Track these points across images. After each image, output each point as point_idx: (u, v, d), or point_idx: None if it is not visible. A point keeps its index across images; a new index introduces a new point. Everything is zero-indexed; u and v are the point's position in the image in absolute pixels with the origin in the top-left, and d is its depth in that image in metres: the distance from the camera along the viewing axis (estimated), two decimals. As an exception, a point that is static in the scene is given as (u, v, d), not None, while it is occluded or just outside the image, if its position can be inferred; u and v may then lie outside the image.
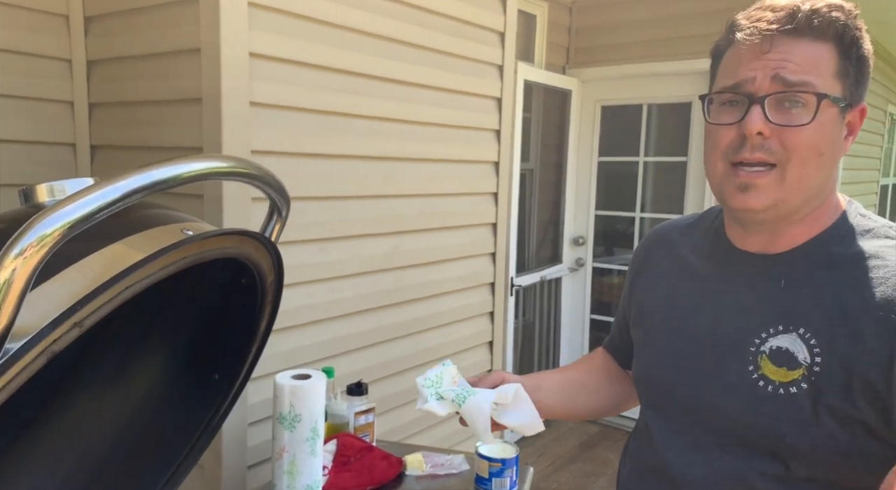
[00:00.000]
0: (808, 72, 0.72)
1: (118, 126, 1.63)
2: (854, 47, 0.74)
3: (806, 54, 0.72)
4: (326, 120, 1.65)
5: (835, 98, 0.72)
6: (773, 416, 0.74)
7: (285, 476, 1.24)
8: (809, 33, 0.72)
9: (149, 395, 1.06)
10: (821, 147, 0.73)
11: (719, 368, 0.79)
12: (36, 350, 0.57)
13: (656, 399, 0.90)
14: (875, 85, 5.65)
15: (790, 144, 0.72)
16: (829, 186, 0.78)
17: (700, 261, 0.88)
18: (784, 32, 0.72)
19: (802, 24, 0.72)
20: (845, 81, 0.74)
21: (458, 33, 2.00)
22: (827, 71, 0.73)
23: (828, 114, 0.73)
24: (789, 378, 0.73)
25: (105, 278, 0.65)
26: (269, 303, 0.99)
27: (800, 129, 0.71)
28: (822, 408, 0.71)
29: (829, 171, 0.76)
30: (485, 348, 2.35)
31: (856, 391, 0.69)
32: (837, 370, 0.71)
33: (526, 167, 3.39)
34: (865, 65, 0.76)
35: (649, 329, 0.92)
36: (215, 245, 0.79)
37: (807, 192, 0.75)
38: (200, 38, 1.40)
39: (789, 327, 0.74)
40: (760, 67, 0.73)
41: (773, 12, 0.73)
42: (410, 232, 1.94)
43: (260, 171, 0.81)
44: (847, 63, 0.74)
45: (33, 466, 0.97)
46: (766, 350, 0.75)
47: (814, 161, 0.73)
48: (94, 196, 0.59)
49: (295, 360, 1.64)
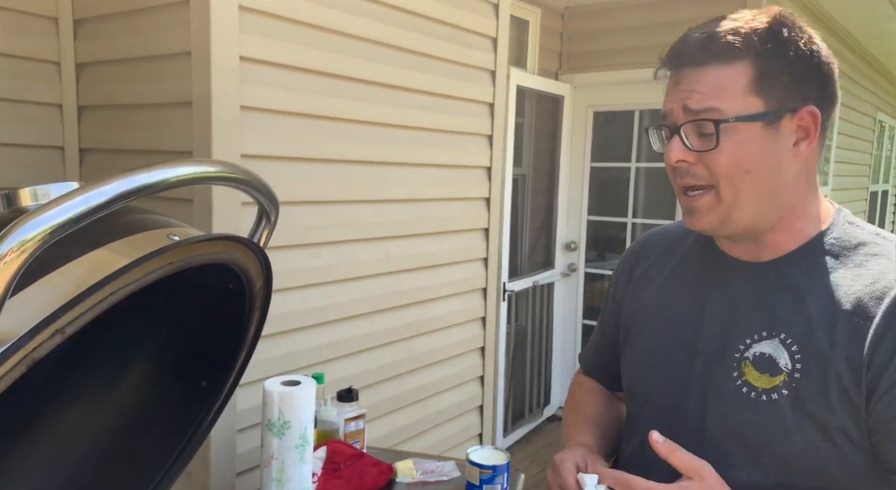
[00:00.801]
0: (713, 98, 0.73)
1: (107, 129, 1.62)
2: (783, 54, 0.73)
3: (711, 81, 0.74)
4: (317, 124, 1.64)
5: (744, 117, 0.73)
6: (756, 423, 0.74)
7: (274, 483, 1.22)
8: (715, 58, 0.74)
9: (136, 401, 1.05)
10: (744, 165, 0.74)
11: (706, 374, 0.80)
12: (15, 357, 0.55)
13: (644, 405, 0.90)
14: (864, 92, 5.70)
15: (712, 168, 0.74)
16: (785, 195, 0.77)
17: (689, 267, 0.88)
18: (690, 64, 0.76)
19: (703, 53, 0.75)
20: (771, 92, 0.73)
21: (450, 38, 2.00)
22: (737, 91, 0.73)
23: (745, 132, 0.73)
24: (771, 384, 0.73)
25: (89, 284, 0.63)
26: (258, 309, 0.98)
27: (716, 152, 0.73)
28: (802, 414, 0.71)
29: (773, 182, 0.75)
30: (477, 354, 2.35)
31: (833, 398, 0.70)
32: (816, 376, 0.71)
33: (518, 172, 3.39)
34: (806, 65, 0.75)
35: (639, 335, 0.92)
36: (202, 250, 0.78)
37: (751, 206, 0.76)
38: (191, 42, 1.39)
39: (772, 333, 0.75)
40: (675, 99, 0.77)
41: (684, 44, 0.78)
42: (402, 237, 1.94)
43: (248, 176, 0.80)
44: (771, 73, 0.73)
45: (19, 476, 0.96)
46: (750, 356, 0.76)
47: (742, 178, 0.74)
48: (77, 200, 0.58)
49: (285, 365, 1.63)
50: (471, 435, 2.35)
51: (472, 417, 2.36)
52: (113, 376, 1.05)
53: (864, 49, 5.27)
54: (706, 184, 0.76)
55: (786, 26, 0.75)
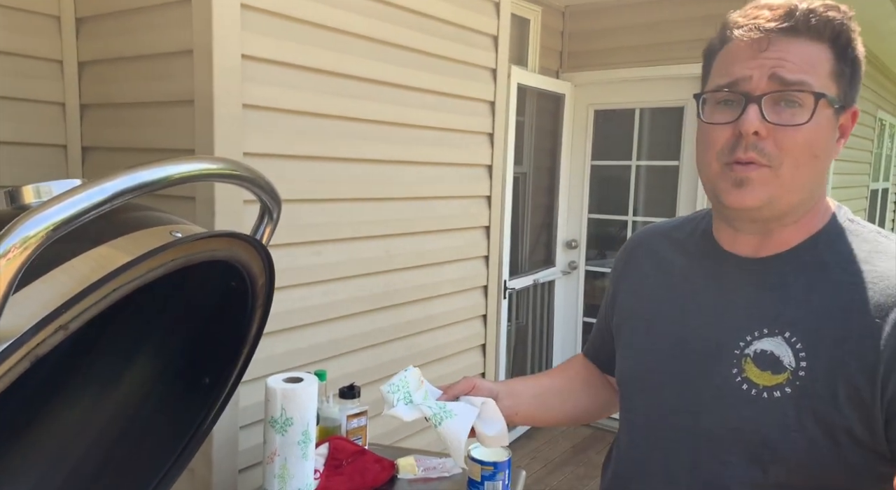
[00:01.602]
0: (806, 71, 0.71)
1: (109, 128, 1.62)
2: (849, 49, 0.73)
3: (803, 54, 0.71)
4: (319, 123, 1.64)
5: (831, 98, 0.71)
6: (755, 420, 0.73)
7: (276, 480, 1.23)
8: (806, 33, 0.71)
9: (138, 398, 1.06)
10: (815, 148, 0.72)
11: (703, 371, 0.78)
12: (19, 353, 0.56)
13: (638, 402, 0.88)
14: (865, 91, 5.69)
15: (786, 145, 0.71)
16: (820, 190, 0.77)
17: (686, 262, 0.86)
18: (781, 31, 0.71)
19: (800, 24, 0.71)
20: (840, 83, 0.73)
21: (451, 37, 2.00)
22: (823, 71, 0.72)
23: (824, 115, 0.72)
24: (773, 382, 0.72)
25: (91, 280, 0.64)
26: (260, 306, 0.98)
27: (796, 129, 0.70)
28: (806, 413, 0.70)
29: (822, 173, 0.75)
30: (478, 351, 2.35)
31: (841, 397, 0.68)
32: (823, 375, 0.70)
33: (519, 170, 3.39)
34: (859, 67, 0.75)
35: (633, 331, 0.91)
36: (204, 248, 0.78)
37: (801, 193, 0.74)
38: (193, 40, 1.39)
39: (775, 331, 0.73)
40: (757, 66, 0.71)
41: (771, 10, 0.72)
42: (403, 235, 1.94)
43: (250, 173, 0.81)
44: (842, 64, 0.73)
45: (28, 473, 0.96)
46: (751, 353, 0.74)
47: (808, 162, 0.72)
48: (79, 197, 0.58)
49: (287, 363, 1.63)
50: (472, 432, 2.35)
51: (473, 415, 2.36)
52: (115, 373, 1.05)
53: (865, 46, 5.26)
54: (767, 163, 0.72)
55: (853, 27, 0.74)
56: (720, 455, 0.76)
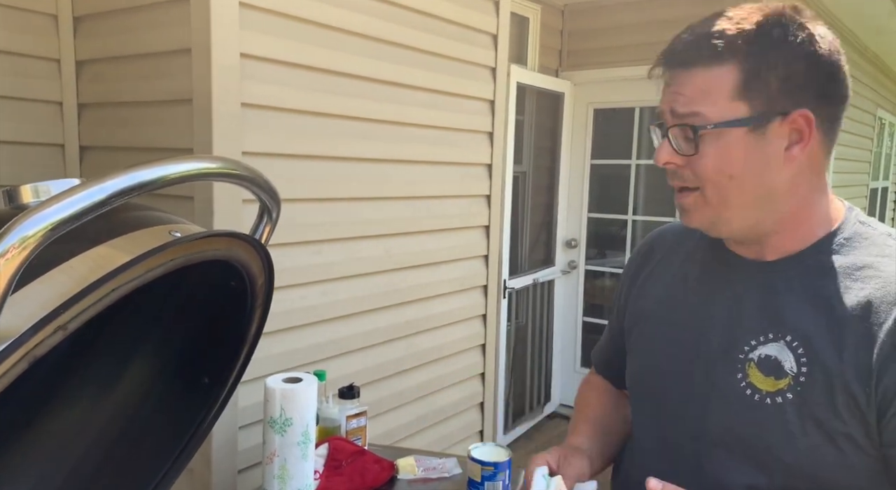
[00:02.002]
0: (698, 102, 0.71)
1: (107, 127, 1.61)
2: (772, 56, 0.70)
3: (698, 83, 0.72)
4: (318, 121, 1.64)
5: (726, 123, 0.71)
6: (759, 426, 0.72)
7: (276, 481, 1.22)
8: (702, 61, 0.72)
9: (140, 398, 1.05)
10: (728, 171, 0.72)
11: (708, 375, 0.78)
12: (17, 354, 0.55)
13: (647, 405, 0.89)
14: (864, 89, 5.69)
15: (697, 172, 0.73)
16: (779, 200, 0.74)
17: (696, 265, 0.86)
18: (680, 64, 0.73)
19: (691, 55, 0.73)
20: (757, 96, 0.71)
21: (450, 35, 2.00)
22: (722, 95, 0.71)
23: (727, 137, 0.71)
24: (776, 388, 0.72)
25: (90, 280, 0.63)
26: (260, 306, 0.97)
27: (698, 157, 0.72)
28: (808, 419, 0.70)
29: (761, 189, 0.73)
30: (477, 351, 2.35)
31: (840, 404, 0.68)
32: (822, 381, 0.69)
33: (519, 170, 3.39)
34: (801, 66, 0.71)
35: (643, 334, 0.90)
36: (204, 247, 0.78)
37: (740, 210, 0.74)
38: (191, 39, 1.39)
39: (777, 335, 0.73)
40: (665, 101, 0.75)
41: (675, 44, 0.75)
42: (403, 234, 1.93)
43: (249, 172, 0.80)
44: (759, 76, 0.70)
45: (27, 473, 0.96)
46: (755, 358, 0.74)
47: (727, 184, 0.72)
48: (78, 197, 0.58)
49: (286, 363, 1.63)
50: (472, 432, 2.35)
51: (473, 414, 2.36)
52: (114, 373, 1.05)
53: (864, 45, 5.26)
54: (693, 186, 0.75)
55: (780, 25, 0.71)
56: (725, 460, 0.75)
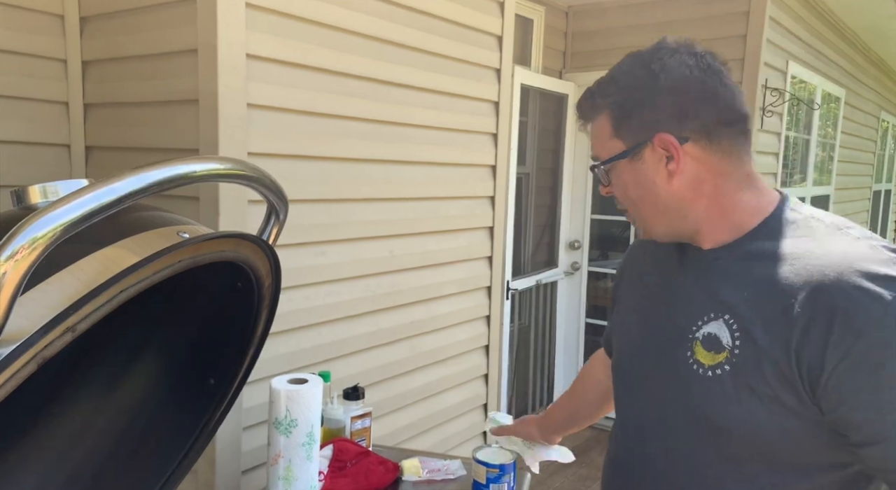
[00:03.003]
0: (596, 148, 0.89)
1: (113, 127, 1.61)
2: (626, 100, 0.84)
3: (595, 132, 0.88)
4: (323, 122, 1.64)
5: (609, 160, 0.87)
6: (703, 396, 0.81)
7: (281, 482, 1.22)
8: (586, 116, 0.89)
9: (144, 399, 1.05)
10: (630, 194, 0.87)
11: (668, 355, 0.86)
12: (27, 356, 0.55)
13: (622, 392, 0.98)
14: (868, 92, 5.68)
15: (619, 198, 0.90)
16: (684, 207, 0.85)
17: (666, 260, 0.96)
18: (583, 119, 0.90)
19: (582, 111, 0.90)
20: (627, 132, 0.85)
21: (455, 37, 2.00)
22: (605, 138, 0.87)
23: (618, 169, 0.87)
24: (715, 361, 0.80)
25: (99, 282, 0.63)
26: (267, 307, 0.97)
27: (611, 188, 0.90)
28: (743, 388, 0.77)
29: (660, 201, 0.85)
30: (481, 352, 2.34)
31: (768, 373, 0.75)
32: (752, 353, 0.77)
33: (522, 171, 3.39)
34: (652, 95, 0.83)
35: (622, 324, 1.01)
36: (212, 248, 0.78)
37: (657, 220, 0.88)
38: (197, 39, 1.39)
39: (718, 315, 0.82)
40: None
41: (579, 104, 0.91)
42: (406, 235, 1.93)
43: (257, 173, 0.80)
44: (625, 115, 0.84)
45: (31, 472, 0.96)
46: (700, 336, 0.83)
47: (641, 201, 0.87)
48: (87, 198, 0.58)
49: (291, 363, 1.63)
50: (475, 433, 2.35)
51: (476, 415, 2.36)
52: (121, 373, 1.05)
53: (867, 48, 5.25)
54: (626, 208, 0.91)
55: (639, 63, 0.84)
56: (685, 435, 0.84)
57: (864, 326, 0.70)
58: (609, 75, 0.88)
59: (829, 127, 4.78)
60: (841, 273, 0.73)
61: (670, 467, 0.86)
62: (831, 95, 4.67)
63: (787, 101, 3.56)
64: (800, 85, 3.91)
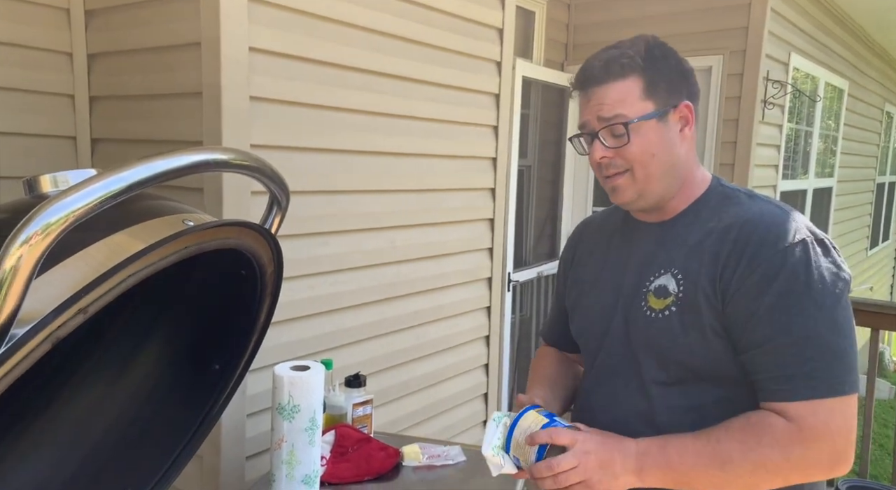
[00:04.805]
0: (618, 106, 0.97)
1: (119, 119, 1.64)
2: (657, 69, 0.98)
3: (614, 94, 0.97)
4: (325, 115, 1.66)
5: (644, 116, 0.97)
6: (656, 335, 0.98)
7: (284, 465, 1.25)
8: (612, 78, 0.97)
9: (150, 385, 1.08)
10: (650, 151, 0.98)
11: (625, 307, 1.04)
12: (41, 335, 0.58)
13: (592, 346, 1.11)
14: (872, 84, 5.66)
15: (627, 157, 0.98)
16: (680, 168, 1.01)
17: (616, 235, 1.13)
18: (597, 84, 0.98)
19: (605, 75, 0.98)
20: (657, 97, 0.97)
21: (457, 30, 2.01)
22: (634, 98, 0.97)
23: (645, 127, 0.97)
24: (664, 305, 0.98)
25: (108, 266, 0.66)
26: (269, 294, 1.00)
27: (626, 147, 0.97)
28: (686, 323, 0.95)
29: (671, 160, 0.99)
30: (482, 342, 2.37)
31: (702, 304, 0.94)
32: (692, 292, 0.95)
33: (524, 163, 3.40)
34: (676, 75, 1.00)
35: (581, 293, 1.15)
36: (216, 236, 0.80)
37: (659, 180, 1.00)
38: (201, 33, 1.41)
39: (666, 270, 1.00)
40: (589, 112, 1.00)
41: (588, 71, 1.00)
42: (408, 227, 1.96)
43: (260, 163, 0.82)
44: (654, 82, 0.97)
45: (41, 453, 0.99)
46: (652, 288, 1.01)
47: (650, 161, 0.98)
48: (98, 186, 0.60)
49: (294, 352, 1.66)
50: (475, 422, 2.38)
51: (477, 404, 2.39)
52: (128, 360, 1.07)
53: (872, 40, 5.23)
54: (623, 170, 0.99)
55: (655, 48, 1.00)
56: (641, 364, 1.01)
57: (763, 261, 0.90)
58: (630, 46, 0.99)
59: (831, 119, 4.77)
60: (755, 224, 0.94)
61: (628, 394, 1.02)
62: (834, 87, 4.66)
63: (789, 93, 3.56)
64: (802, 77, 3.90)
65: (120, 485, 1.01)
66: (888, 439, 4.37)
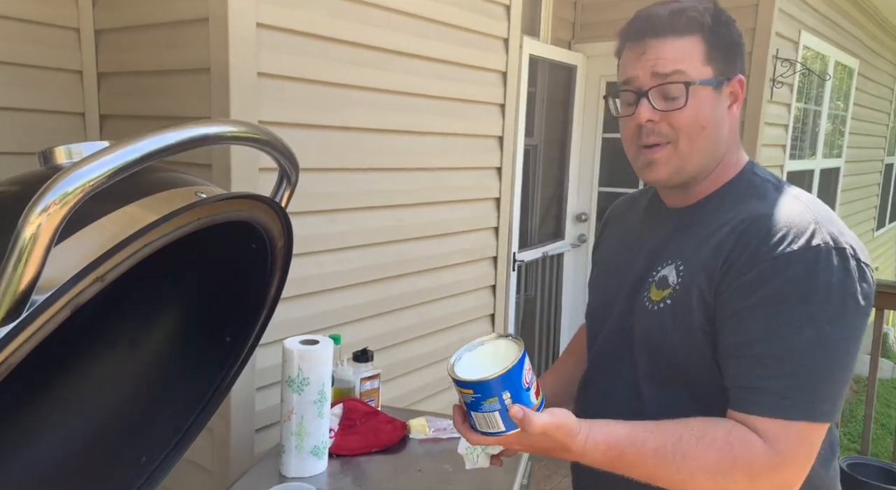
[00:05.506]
0: (678, 63, 0.88)
1: (127, 96, 1.64)
2: (720, 34, 0.89)
3: (674, 50, 0.88)
4: (332, 91, 1.66)
5: (704, 81, 0.88)
6: (651, 328, 0.94)
7: (294, 437, 1.28)
8: (675, 32, 0.88)
9: (162, 357, 1.10)
10: (701, 122, 0.89)
11: (631, 297, 0.99)
12: (61, 302, 0.59)
13: (596, 330, 1.08)
14: (883, 63, 5.59)
15: (677, 124, 0.89)
16: (721, 149, 0.93)
17: (639, 219, 1.08)
18: (654, 37, 0.89)
19: (667, 27, 0.88)
20: (716, 63, 0.89)
21: (464, 6, 2.00)
22: (697, 59, 0.88)
23: (702, 94, 0.88)
24: (661, 297, 0.92)
25: (122, 237, 0.67)
26: (279, 268, 1.01)
27: (680, 111, 0.88)
28: (678, 318, 0.89)
29: (716, 137, 0.92)
30: (486, 321, 2.39)
31: (695, 301, 0.87)
32: (688, 287, 0.89)
33: (530, 142, 3.39)
34: (734, 45, 0.92)
35: (597, 276, 1.14)
36: (227, 208, 0.81)
37: (700, 158, 0.91)
38: (208, 8, 1.41)
39: (671, 261, 0.94)
40: (640, 67, 0.90)
41: (646, 20, 0.90)
42: (415, 205, 1.96)
43: (270, 137, 0.83)
44: (715, 48, 0.89)
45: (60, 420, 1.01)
46: (655, 279, 0.95)
47: (698, 133, 0.89)
48: (113, 156, 0.61)
49: (303, 327, 1.68)
50: (481, 399, 2.40)
51: (482, 382, 2.41)
52: (141, 334, 1.09)
53: (883, 17, 5.16)
54: (666, 140, 0.90)
55: (721, 12, 0.91)
56: (635, 361, 0.96)
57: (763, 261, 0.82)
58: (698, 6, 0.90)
59: (840, 99, 4.72)
60: (766, 221, 0.85)
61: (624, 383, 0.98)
62: (844, 66, 4.61)
63: (798, 72, 3.53)
64: (812, 55, 3.86)
65: (134, 452, 1.03)
66: (890, 419, 4.42)
